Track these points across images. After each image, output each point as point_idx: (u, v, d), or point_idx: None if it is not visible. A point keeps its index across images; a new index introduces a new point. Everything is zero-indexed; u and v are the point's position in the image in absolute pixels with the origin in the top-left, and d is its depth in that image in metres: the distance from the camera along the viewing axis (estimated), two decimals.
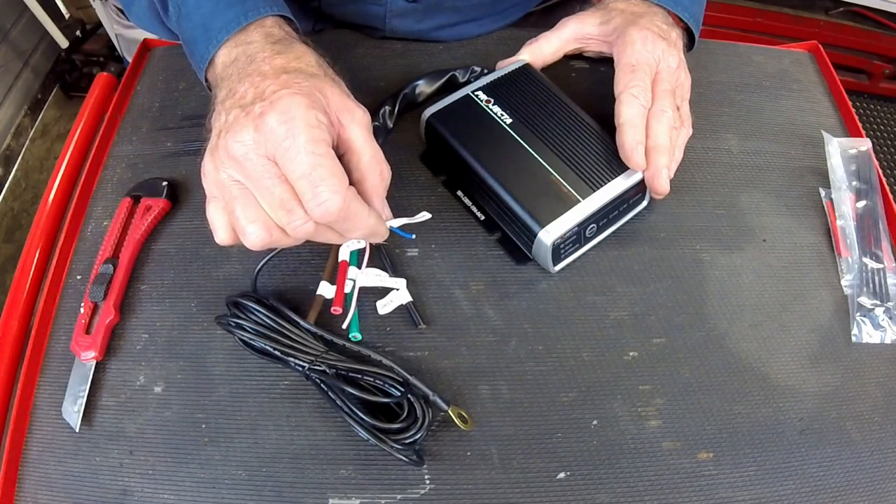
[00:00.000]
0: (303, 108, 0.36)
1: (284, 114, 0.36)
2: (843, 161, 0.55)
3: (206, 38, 0.44)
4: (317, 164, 0.35)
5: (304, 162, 0.35)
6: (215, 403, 0.43)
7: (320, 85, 0.39)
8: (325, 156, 0.36)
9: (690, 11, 0.55)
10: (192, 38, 0.46)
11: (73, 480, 0.41)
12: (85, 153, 0.57)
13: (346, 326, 0.45)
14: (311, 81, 0.39)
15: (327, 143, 0.37)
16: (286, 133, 0.35)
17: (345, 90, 0.41)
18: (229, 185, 0.38)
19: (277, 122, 0.36)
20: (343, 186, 0.36)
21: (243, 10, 0.43)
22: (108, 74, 0.64)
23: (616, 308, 0.48)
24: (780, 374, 0.46)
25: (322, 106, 0.38)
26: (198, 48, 0.45)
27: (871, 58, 1.65)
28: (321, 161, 0.35)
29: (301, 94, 0.37)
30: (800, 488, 0.42)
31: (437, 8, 0.60)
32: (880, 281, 0.50)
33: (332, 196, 0.35)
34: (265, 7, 0.44)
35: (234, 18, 0.43)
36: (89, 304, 0.46)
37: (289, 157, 0.35)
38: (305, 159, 0.35)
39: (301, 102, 0.36)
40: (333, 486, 0.40)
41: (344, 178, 0.37)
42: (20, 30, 1.60)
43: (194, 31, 0.45)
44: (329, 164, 0.36)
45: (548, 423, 0.43)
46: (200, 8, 0.45)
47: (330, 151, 0.37)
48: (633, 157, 0.46)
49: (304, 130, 0.36)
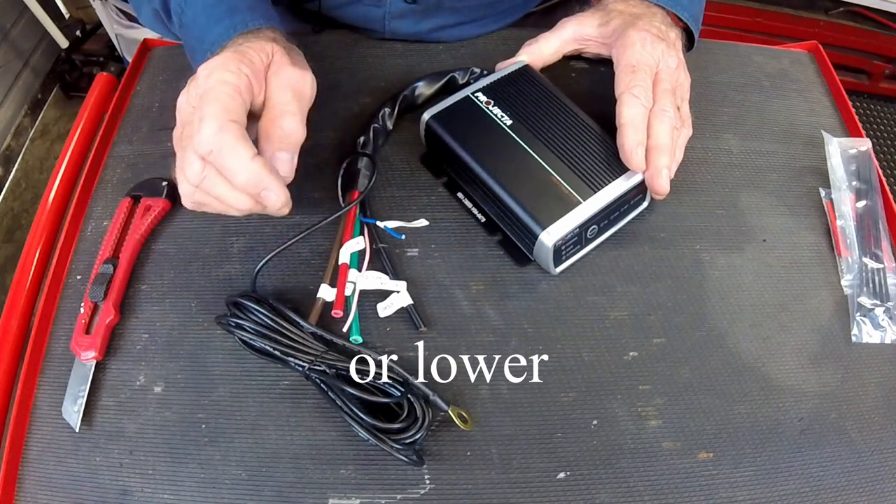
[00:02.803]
0: (227, 58, 0.41)
1: (212, 61, 0.41)
2: (843, 161, 0.55)
3: (202, 50, 0.46)
4: (206, 101, 0.38)
5: (203, 100, 0.39)
6: (215, 403, 0.43)
7: (265, 44, 0.43)
8: (223, 90, 0.39)
9: (690, 11, 0.55)
10: (192, 48, 0.49)
11: (73, 480, 0.41)
12: (85, 153, 0.57)
13: (347, 329, 0.45)
14: (257, 42, 0.43)
15: (234, 86, 0.39)
16: (204, 75, 0.40)
17: (293, 57, 0.45)
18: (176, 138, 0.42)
19: (203, 69, 0.40)
20: (220, 114, 0.38)
21: (232, 23, 0.46)
22: (108, 74, 0.64)
23: (616, 308, 0.48)
24: (780, 374, 0.46)
25: (251, 60, 0.41)
26: (196, 58, 0.48)
27: (871, 58, 1.65)
28: (216, 95, 0.39)
29: (234, 51, 0.41)
30: (800, 488, 0.42)
31: (436, 9, 0.60)
32: (880, 281, 0.50)
33: (208, 121, 0.38)
34: (252, 20, 0.46)
35: (223, 32, 0.46)
36: (89, 304, 0.46)
37: (197, 93, 0.40)
38: (203, 97, 0.39)
39: (229, 55, 0.41)
40: (333, 486, 0.40)
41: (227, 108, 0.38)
42: (20, 30, 1.60)
43: (192, 41, 0.48)
44: (223, 97, 0.39)
45: (548, 423, 0.43)
46: (196, 21, 0.47)
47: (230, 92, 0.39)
48: (632, 158, 0.46)
49: (216, 73, 0.39)
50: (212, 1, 0.47)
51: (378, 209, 0.51)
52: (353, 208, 0.49)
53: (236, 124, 0.38)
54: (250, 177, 0.38)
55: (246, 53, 0.42)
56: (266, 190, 0.39)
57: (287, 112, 0.42)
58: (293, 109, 0.42)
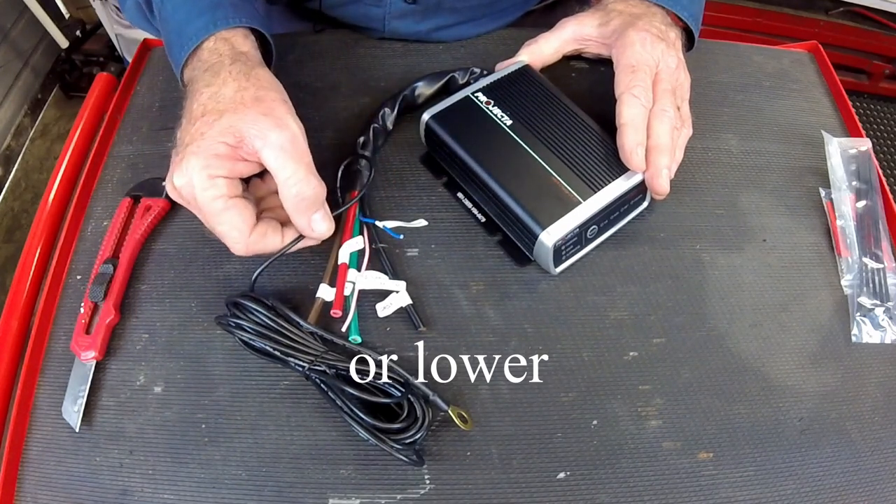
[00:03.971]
0: (196, 172, 0.39)
1: (182, 176, 0.40)
2: (843, 161, 0.55)
3: (180, 44, 0.46)
4: (215, 223, 0.40)
5: (207, 220, 0.41)
6: (215, 403, 0.43)
7: (230, 121, 0.40)
8: (221, 212, 0.40)
9: (690, 10, 0.55)
10: (169, 42, 0.48)
11: (73, 480, 0.41)
12: (85, 153, 0.57)
13: (346, 329, 0.45)
14: (220, 123, 0.40)
15: (224, 196, 0.40)
16: (187, 194, 0.40)
17: (268, 109, 0.41)
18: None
19: (179, 181, 0.40)
20: (242, 235, 0.41)
21: (213, 18, 0.45)
22: (108, 74, 0.64)
23: (616, 308, 0.48)
24: (780, 374, 0.46)
25: (217, 154, 0.40)
26: (173, 52, 0.47)
27: (871, 58, 1.65)
28: (218, 219, 0.40)
29: (197, 155, 0.39)
30: (800, 488, 0.42)
31: (436, 9, 0.60)
32: (880, 281, 0.50)
33: (234, 246, 0.41)
34: (235, 18, 0.46)
35: (203, 26, 0.45)
36: (89, 304, 0.46)
37: (198, 211, 0.41)
38: (208, 218, 0.41)
39: (196, 165, 0.39)
40: (333, 486, 0.40)
41: (243, 224, 0.41)
42: (20, 30, 1.60)
43: (170, 35, 0.47)
44: (225, 218, 0.40)
45: (548, 423, 0.43)
46: (176, 13, 0.47)
47: (227, 203, 0.40)
48: (632, 158, 0.46)
49: (199, 193, 0.39)
50: None
51: (378, 209, 0.51)
52: (353, 208, 0.49)
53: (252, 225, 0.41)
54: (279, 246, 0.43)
55: (210, 150, 0.39)
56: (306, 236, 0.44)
57: (299, 181, 0.40)
58: (303, 175, 0.40)
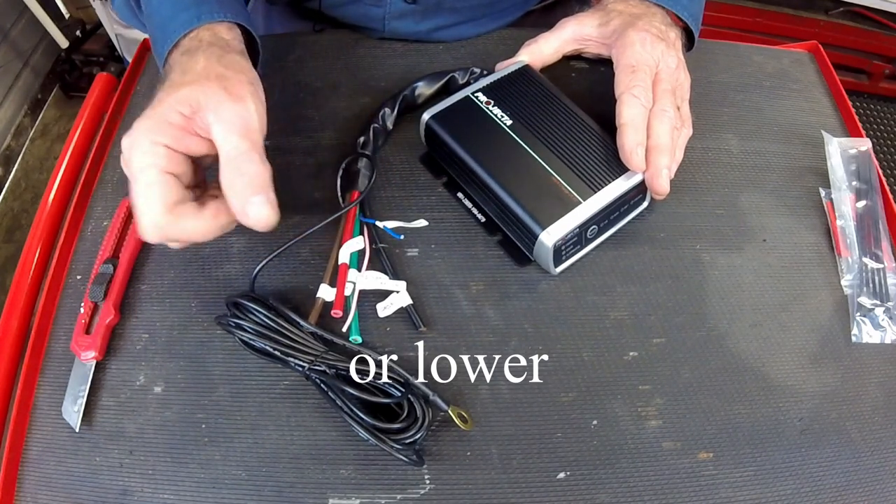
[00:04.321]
0: (142, 135, 0.38)
1: (128, 137, 0.39)
2: (843, 161, 0.55)
3: (163, 38, 0.45)
4: (135, 195, 0.38)
5: (133, 189, 0.39)
6: (215, 403, 0.43)
7: (188, 92, 0.39)
8: (145, 184, 0.38)
9: (690, 10, 0.55)
10: (154, 37, 0.47)
11: (73, 480, 0.41)
12: (85, 153, 0.57)
13: (347, 329, 0.45)
14: (179, 93, 0.39)
15: (156, 168, 0.38)
16: (126, 157, 0.39)
17: (229, 85, 0.40)
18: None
19: (125, 142, 0.39)
20: (155, 214, 0.38)
21: (198, 12, 0.44)
22: (108, 74, 0.64)
23: (616, 308, 0.48)
24: (780, 374, 0.46)
25: (169, 122, 0.39)
26: (157, 47, 0.46)
27: (871, 58, 1.66)
28: (139, 189, 0.38)
29: (148, 118, 0.39)
30: (800, 488, 0.42)
31: (436, 9, 0.60)
32: (880, 281, 0.50)
33: (145, 226, 0.38)
34: (219, 12, 0.45)
35: (187, 20, 0.44)
36: (89, 304, 0.46)
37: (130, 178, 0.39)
38: (133, 186, 0.39)
39: (142, 128, 0.39)
40: (333, 486, 0.40)
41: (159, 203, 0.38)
42: (20, 30, 1.60)
43: (155, 30, 0.47)
44: (145, 191, 0.38)
45: (548, 423, 0.43)
46: (161, 7, 0.46)
47: (156, 176, 0.38)
48: (632, 158, 0.46)
49: (135, 157, 0.38)
50: None
51: (378, 209, 0.51)
52: (353, 208, 0.49)
53: (171, 206, 0.38)
54: (207, 234, 0.40)
55: (163, 116, 0.39)
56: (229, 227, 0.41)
57: (241, 158, 0.39)
58: (245, 151, 0.39)
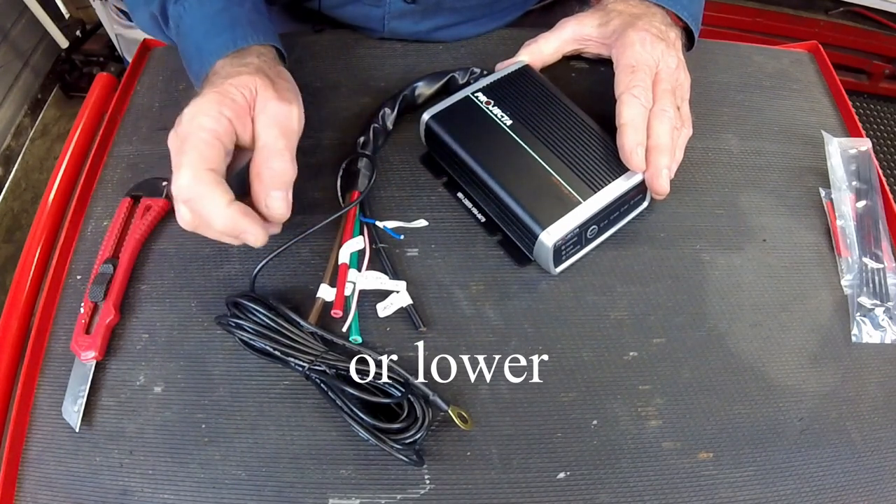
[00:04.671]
0: (208, 101, 0.41)
1: (194, 103, 0.41)
2: (843, 161, 0.55)
3: (200, 59, 0.47)
4: (185, 149, 0.39)
5: (181, 147, 0.39)
6: (215, 403, 0.43)
7: (248, 79, 0.42)
8: (196, 137, 0.39)
9: (689, 10, 0.55)
10: (188, 56, 0.49)
11: (73, 480, 0.41)
12: (85, 153, 0.57)
13: (347, 329, 0.45)
14: (238, 79, 0.42)
15: (215, 133, 0.40)
16: (186, 119, 0.40)
17: (279, 88, 0.44)
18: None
19: (186, 112, 0.40)
20: (196, 164, 0.39)
21: (233, 36, 0.46)
22: (108, 74, 0.64)
23: (616, 308, 0.48)
24: (780, 374, 0.46)
25: (233, 99, 0.41)
26: (192, 66, 0.48)
27: (871, 58, 1.65)
28: (192, 144, 0.39)
29: (216, 92, 0.41)
30: (800, 488, 0.42)
31: (435, 9, 0.60)
32: (880, 281, 0.50)
33: (184, 170, 0.39)
34: (253, 36, 0.46)
35: (223, 45, 0.46)
36: (89, 304, 0.46)
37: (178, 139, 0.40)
38: (182, 145, 0.39)
39: (210, 97, 0.41)
40: (333, 486, 0.40)
41: (204, 156, 0.39)
42: (20, 30, 1.60)
43: (189, 49, 0.48)
44: (194, 142, 0.39)
45: (548, 423, 0.43)
46: (195, 30, 0.47)
47: (212, 140, 0.40)
48: (632, 158, 0.46)
49: (197, 120, 0.40)
50: (212, 12, 0.47)
51: (378, 209, 0.51)
52: (353, 208, 0.49)
53: (212, 173, 0.39)
54: (227, 222, 0.39)
55: (228, 93, 0.41)
56: (244, 232, 0.40)
57: (275, 152, 0.41)
58: (281, 148, 0.42)
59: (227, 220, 0.39)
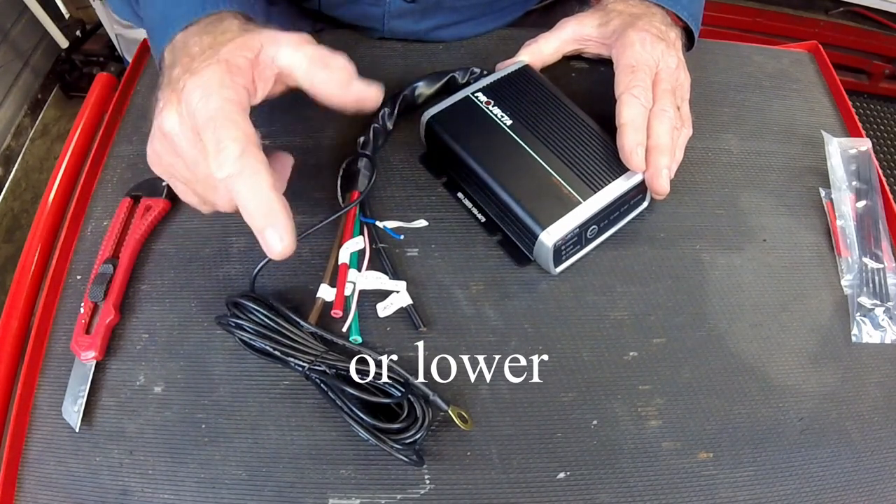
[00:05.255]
0: (218, 75, 0.37)
1: (200, 78, 0.37)
2: (843, 161, 0.55)
3: (164, 27, 0.43)
4: (219, 117, 0.36)
5: (209, 116, 0.36)
6: (215, 403, 0.43)
7: (245, 39, 0.39)
8: (231, 111, 0.36)
9: (689, 10, 0.55)
10: (152, 26, 0.46)
11: (73, 480, 0.41)
12: (85, 153, 0.57)
13: (347, 329, 0.45)
14: (234, 42, 0.39)
15: (240, 104, 0.37)
16: (200, 96, 0.36)
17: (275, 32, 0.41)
18: (168, 167, 0.40)
19: (193, 88, 0.36)
20: (244, 137, 0.36)
21: (202, 1, 0.43)
22: (108, 74, 0.64)
23: (616, 308, 0.48)
24: (780, 374, 0.46)
25: (239, 67, 0.38)
26: (156, 36, 0.45)
27: (871, 58, 1.66)
28: (225, 114, 0.36)
29: (219, 62, 0.37)
30: (800, 488, 0.42)
31: (435, 8, 0.60)
32: (880, 281, 0.50)
33: (230, 144, 0.35)
34: (224, 1, 0.44)
35: (190, 9, 0.43)
36: (89, 304, 0.46)
37: (200, 117, 0.36)
38: (212, 114, 0.36)
39: (218, 69, 0.37)
40: (333, 486, 0.40)
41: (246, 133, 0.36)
42: (20, 30, 1.60)
43: (154, 19, 0.45)
44: (234, 116, 0.36)
45: (548, 423, 0.43)
46: None
47: (238, 110, 0.37)
48: (632, 158, 0.46)
49: (217, 90, 0.36)
50: None
51: (378, 209, 0.51)
52: (353, 208, 0.49)
53: (258, 149, 0.36)
54: (261, 207, 0.36)
55: (231, 61, 0.38)
56: (272, 227, 0.36)
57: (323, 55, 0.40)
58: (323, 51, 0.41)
59: (265, 204, 0.36)
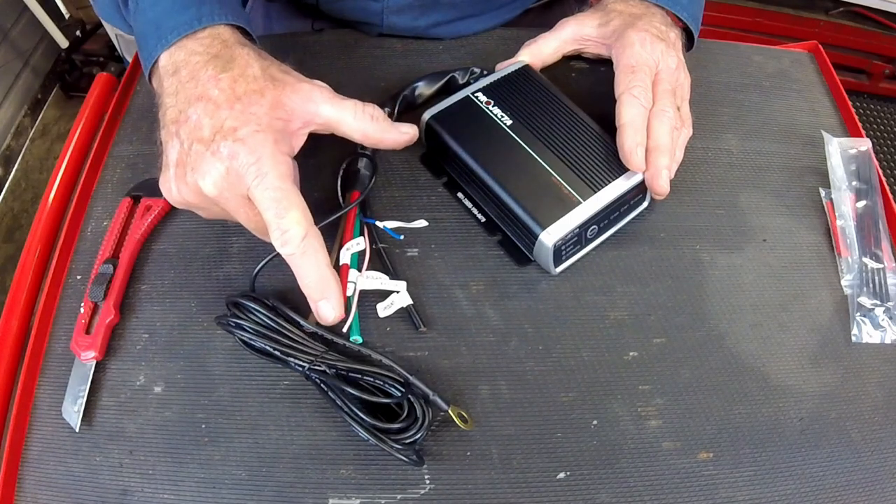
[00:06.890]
0: (269, 147, 0.39)
1: (252, 154, 0.38)
2: (843, 161, 0.55)
3: (156, 36, 0.43)
4: (282, 198, 0.38)
5: (272, 197, 0.38)
6: (215, 403, 0.43)
7: (275, 97, 0.41)
8: (290, 191, 0.39)
9: (689, 11, 0.55)
10: (143, 34, 0.44)
11: (73, 480, 0.41)
12: (85, 153, 0.57)
13: (347, 329, 0.45)
14: (266, 100, 0.40)
15: (293, 178, 0.40)
16: (256, 173, 0.38)
17: (295, 78, 0.43)
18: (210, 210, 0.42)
19: (247, 165, 0.38)
20: (305, 218, 0.39)
21: (198, 14, 0.42)
22: (108, 74, 0.64)
23: (616, 308, 0.48)
24: (780, 374, 0.46)
25: (284, 135, 0.41)
26: (147, 44, 0.43)
27: (871, 58, 1.66)
28: (286, 195, 0.38)
29: (264, 131, 0.39)
30: (800, 488, 0.42)
31: (434, 4, 0.60)
32: (880, 281, 0.50)
33: (294, 226, 0.38)
34: (220, 15, 0.43)
35: (187, 21, 0.42)
36: (89, 304, 0.46)
37: (259, 194, 0.38)
38: (273, 194, 0.38)
39: (267, 141, 0.39)
40: (333, 486, 0.40)
41: (307, 212, 0.39)
42: (20, 30, 1.60)
43: (146, 26, 0.44)
44: (294, 198, 0.39)
45: (548, 423, 0.43)
46: (156, 5, 0.43)
47: (294, 187, 0.39)
48: (632, 159, 0.46)
49: (272, 168, 0.38)
50: None
51: (378, 209, 0.51)
52: (354, 208, 0.49)
53: (315, 228, 0.40)
54: (319, 283, 0.40)
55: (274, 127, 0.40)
56: (326, 300, 0.41)
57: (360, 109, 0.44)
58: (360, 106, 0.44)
59: (323, 280, 0.40)
